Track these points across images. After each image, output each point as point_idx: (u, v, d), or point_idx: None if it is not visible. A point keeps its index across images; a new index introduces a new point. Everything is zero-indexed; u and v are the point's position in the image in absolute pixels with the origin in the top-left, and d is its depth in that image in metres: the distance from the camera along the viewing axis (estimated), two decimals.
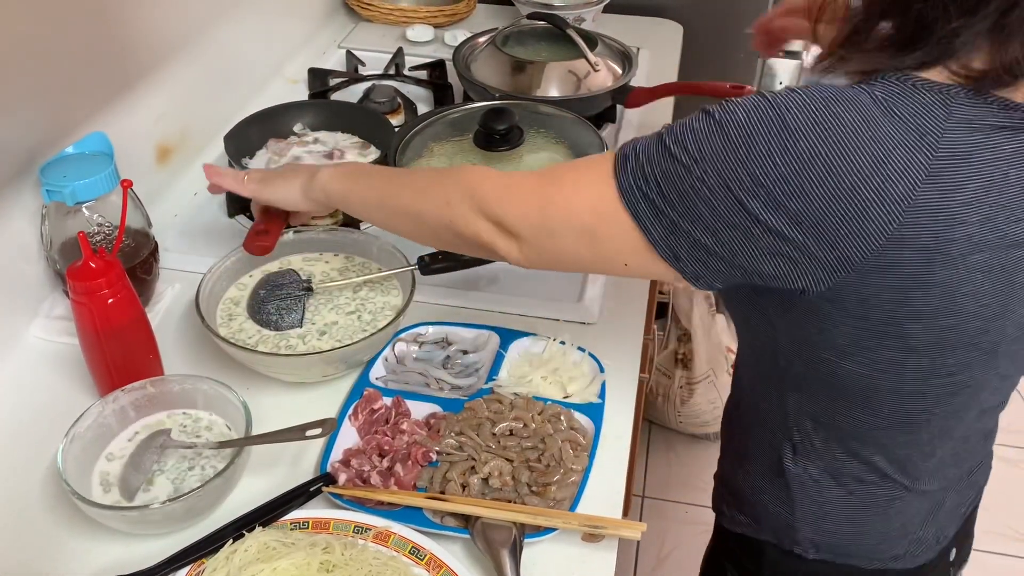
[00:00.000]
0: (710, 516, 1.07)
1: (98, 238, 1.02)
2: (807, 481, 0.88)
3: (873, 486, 0.86)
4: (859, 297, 0.69)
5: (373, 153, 1.35)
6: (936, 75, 0.67)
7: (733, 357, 2.19)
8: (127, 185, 0.98)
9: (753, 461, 0.93)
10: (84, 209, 1.01)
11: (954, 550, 0.97)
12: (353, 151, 1.35)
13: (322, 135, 1.39)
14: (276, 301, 1.02)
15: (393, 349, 1.03)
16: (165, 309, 1.10)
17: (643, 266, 0.76)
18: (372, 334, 0.97)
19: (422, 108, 1.56)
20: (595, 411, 0.95)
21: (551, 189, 0.78)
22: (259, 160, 1.33)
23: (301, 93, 1.57)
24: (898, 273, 0.67)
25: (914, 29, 0.67)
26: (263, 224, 1.07)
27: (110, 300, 0.89)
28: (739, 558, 0.99)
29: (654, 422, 2.31)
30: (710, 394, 2.15)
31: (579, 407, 0.95)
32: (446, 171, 0.88)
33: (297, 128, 1.39)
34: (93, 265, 0.88)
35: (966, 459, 0.90)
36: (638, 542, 1.07)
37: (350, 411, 0.94)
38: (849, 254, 0.66)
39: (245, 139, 1.32)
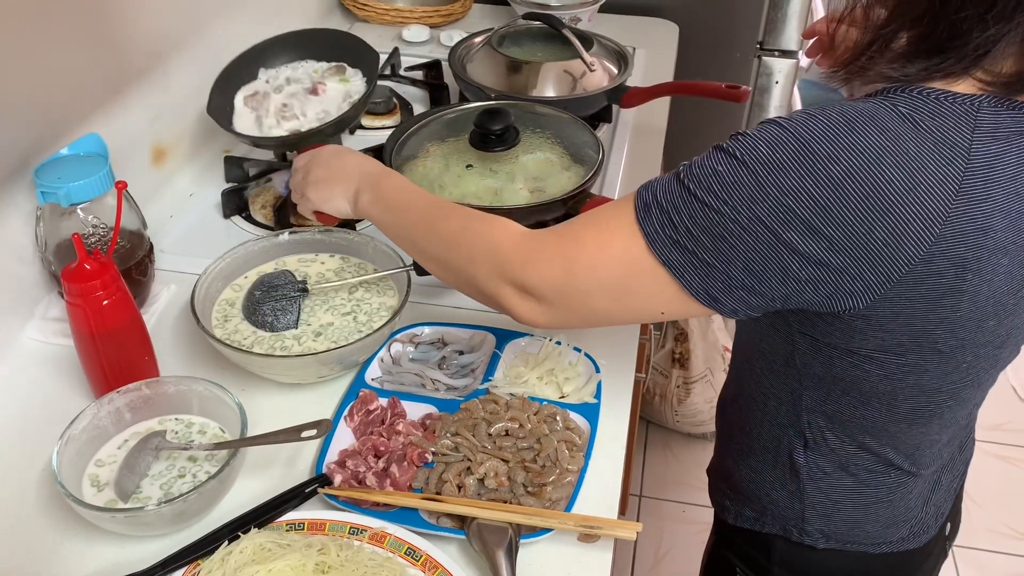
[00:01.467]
0: (708, 515, 1.07)
1: (93, 240, 1.02)
2: (817, 474, 0.88)
3: (882, 475, 0.87)
4: (892, 311, 0.69)
5: (354, 75, 1.35)
6: (962, 84, 0.67)
7: (730, 356, 2.20)
8: (122, 187, 0.98)
9: (758, 456, 0.93)
10: (79, 211, 1.01)
11: (948, 524, 0.99)
12: (331, 78, 1.35)
13: (290, 71, 1.37)
14: (271, 302, 1.02)
15: (389, 350, 1.03)
16: (160, 310, 1.10)
17: (680, 311, 0.74)
18: (368, 335, 0.97)
19: (418, 108, 1.56)
20: (591, 411, 0.95)
21: (573, 249, 0.76)
22: (244, 122, 1.32)
23: None
24: (932, 284, 0.67)
25: (945, 38, 0.66)
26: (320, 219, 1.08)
27: (105, 302, 0.89)
28: (746, 553, 0.99)
29: (651, 421, 2.31)
30: (707, 393, 2.16)
31: (575, 407, 0.95)
32: (475, 220, 0.86)
33: (262, 76, 1.36)
34: (88, 267, 0.88)
35: (956, 439, 0.92)
36: (635, 541, 1.07)
37: (346, 412, 0.94)
38: (888, 273, 0.66)
39: (222, 110, 1.31)
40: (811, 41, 1.16)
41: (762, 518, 0.95)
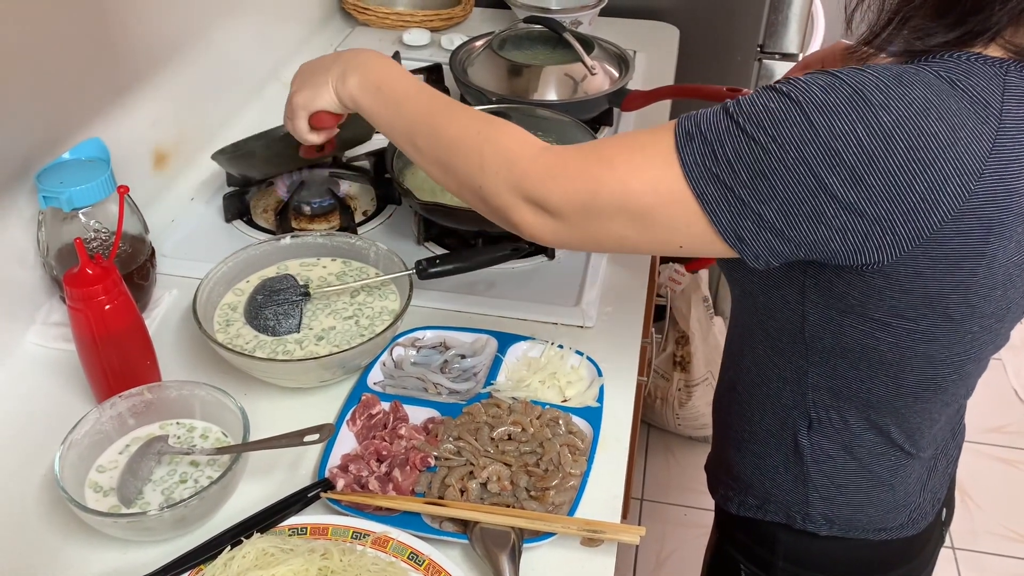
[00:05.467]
0: (710, 518, 1.07)
1: (95, 244, 1.02)
2: (821, 456, 0.88)
3: (882, 456, 0.87)
4: (914, 270, 0.69)
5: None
6: (989, 50, 0.69)
7: (724, 347, 2.19)
8: (124, 191, 0.98)
9: (761, 441, 0.93)
10: (81, 215, 1.01)
11: (944, 510, 0.99)
12: None
13: None
14: (273, 306, 1.02)
15: (391, 354, 1.03)
16: (162, 315, 1.10)
17: (699, 247, 0.73)
18: (370, 339, 0.97)
19: None
20: (593, 415, 0.95)
21: (602, 170, 0.73)
22: None
23: None
24: (958, 244, 0.68)
25: (968, 10, 0.67)
26: (319, 137, 1.02)
27: (107, 306, 0.89)
28: (749, 547, 0.98)
29: (652, 425, 2.31)
30: (708, 396, 2.15)
31: (577, 411, 0.95)
32: (485, 124, 0.82)
33: None
34: (90, 271, 0.88)
35: (951, 423, 0.93)
36: (637, 545, 1.07)
37: (348, 416, 0.94)
38: (921, 227, 0.67)
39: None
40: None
41: (765, 505, 0.94)
